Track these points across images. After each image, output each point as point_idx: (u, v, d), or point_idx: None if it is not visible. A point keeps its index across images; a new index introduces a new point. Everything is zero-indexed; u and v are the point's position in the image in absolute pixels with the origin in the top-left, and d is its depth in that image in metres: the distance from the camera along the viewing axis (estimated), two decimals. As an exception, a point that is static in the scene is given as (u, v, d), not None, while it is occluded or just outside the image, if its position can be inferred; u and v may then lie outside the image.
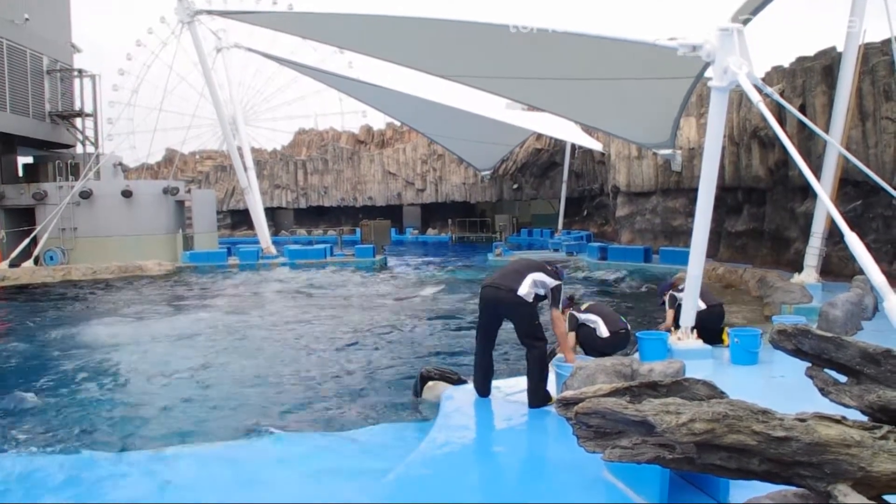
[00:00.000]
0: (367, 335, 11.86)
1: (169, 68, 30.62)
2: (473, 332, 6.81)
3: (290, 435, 6.37)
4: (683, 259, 9.69)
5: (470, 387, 6.64)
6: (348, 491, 4.68)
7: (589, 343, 7.36)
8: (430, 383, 7.12)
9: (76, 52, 30.53)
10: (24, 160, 29.14)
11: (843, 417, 2.93)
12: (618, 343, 7.36)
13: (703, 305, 8.16)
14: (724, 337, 8.26)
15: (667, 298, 8.70)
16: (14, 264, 23.16)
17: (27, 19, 26.28)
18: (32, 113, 26.83)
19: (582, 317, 7.49)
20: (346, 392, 8.22)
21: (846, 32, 11.65)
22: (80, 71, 29.41)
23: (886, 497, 2.86)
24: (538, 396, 6.09)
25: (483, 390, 6.46)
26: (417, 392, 7.30)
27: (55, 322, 14.02)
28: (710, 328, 8.29)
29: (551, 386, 6.17)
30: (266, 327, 12.97)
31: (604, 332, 7.28)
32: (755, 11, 7.77)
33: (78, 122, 29.21)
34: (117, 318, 14.24)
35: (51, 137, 28.10)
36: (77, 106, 29.02)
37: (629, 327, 7.67)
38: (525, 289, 6.13)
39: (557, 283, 6.31)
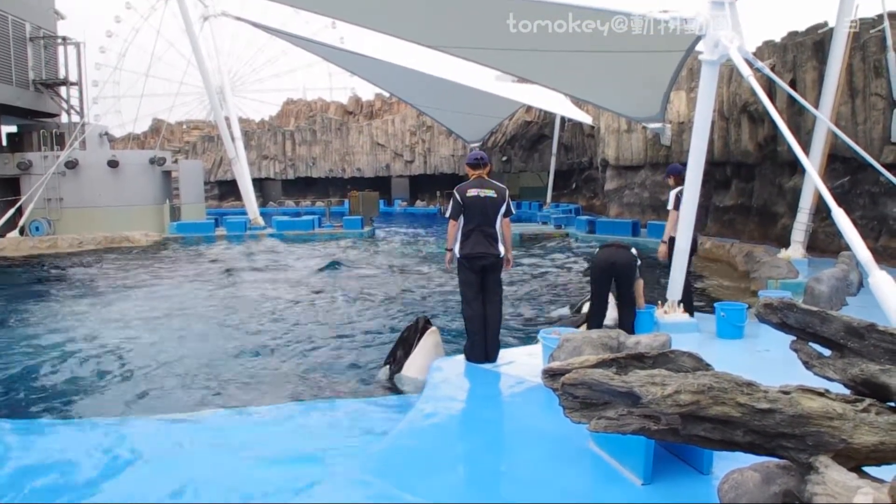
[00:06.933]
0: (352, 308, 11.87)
1: (157, 33, 30.26)
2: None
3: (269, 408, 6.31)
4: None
5: (459, 357, 6.65)
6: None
7: None
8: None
9: (60, 19, 29.96)
10: (7, 129, 28.69)
11: (827, 390, 2.96)
12: None
13: None
14: None
15: None
16: (-1, 234, 23.00)
17: (8, -16, 25.75)
18: (16, 81, 26.34)
19: None
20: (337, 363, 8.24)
21: (838, 9, 11.60)
22: (64, 38, 28.87)
23: (866, 468, 2.91)
24: None
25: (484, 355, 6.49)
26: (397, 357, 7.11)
27: (33, 293, 13.94)
28: None
29: (538, 357, 6.20)
30: (251, 297, 12.95)
31: None
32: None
33: (63, 91, 28.76)
34: (98, 289, 14.19)
35: (35, 106, 27.66)
36: (62, 74, 28.53)
37: None
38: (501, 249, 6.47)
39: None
